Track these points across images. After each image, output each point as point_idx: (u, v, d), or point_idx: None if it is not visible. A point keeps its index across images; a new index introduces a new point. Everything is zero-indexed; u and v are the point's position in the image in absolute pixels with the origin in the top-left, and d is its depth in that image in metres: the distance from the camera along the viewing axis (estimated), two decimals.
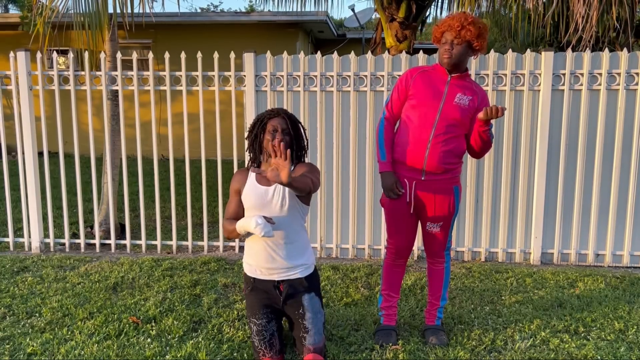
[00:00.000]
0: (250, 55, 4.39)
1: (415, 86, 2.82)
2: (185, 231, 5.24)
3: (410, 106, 2.83)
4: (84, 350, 2.83)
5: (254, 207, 2.64)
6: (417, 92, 2.81)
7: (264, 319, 2.67)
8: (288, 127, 2.66)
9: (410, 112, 2.82)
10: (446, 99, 2.77)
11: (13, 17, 10.45)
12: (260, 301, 2.70)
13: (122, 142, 4.67)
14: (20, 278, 3.92)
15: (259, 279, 2.70)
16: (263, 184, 2.66)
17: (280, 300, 2.68)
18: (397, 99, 2.89)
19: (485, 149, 2.85)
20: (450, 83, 2.80)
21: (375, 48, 7.26)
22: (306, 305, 2.67)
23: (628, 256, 4.36)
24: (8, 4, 22.98)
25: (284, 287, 2.67)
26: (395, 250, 2.97)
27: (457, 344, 2.92)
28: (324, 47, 13.14)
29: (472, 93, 2.81)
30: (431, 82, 2.81)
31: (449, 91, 2.78)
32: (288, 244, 2.65)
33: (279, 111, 2.68)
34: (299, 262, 2.68)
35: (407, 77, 2.87)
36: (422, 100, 2.78)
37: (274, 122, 2.64)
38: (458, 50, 2.73)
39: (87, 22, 4.43)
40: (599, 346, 2.91)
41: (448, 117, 2.76)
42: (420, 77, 2.84)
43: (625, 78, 4.18)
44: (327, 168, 4.48)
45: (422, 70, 2.88)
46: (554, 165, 4.33)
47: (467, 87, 2.82)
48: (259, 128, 2.68)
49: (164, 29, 9.97)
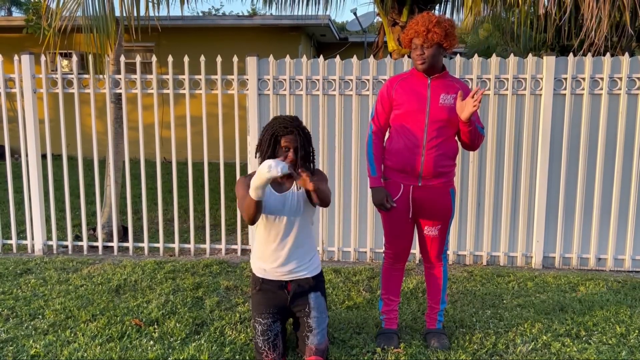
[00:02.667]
0: (253, 59, 4.41)
1: (397, 95, 2.83)
2: (188, 234, 5.25)
3: (397, 115, 2.84)
4: (86, 352, 2.84)
5: (271, 211, 2.65)
6: (401, 101, 2.82)
7: (269, 318, 2.68)
8: (300, 146, 2.60)
9: (398, 121, 2.84)
10: (431, 102, 2.78)
11: (17, 20, 10.50)
12: (267, 301, 2.71)
13: (125, 144, 4.69)
14: (24, 280, 3.94)
15: (267, 279, 2.72)
16: (276, 190, 2.68)
17: (288, 300, 2.70)
18: (382, 111, 2.90)
19: (476, 141, 2.86)
20: (432, 85, 2.81)
21: (378, 52, 7.28)
22: (312, 303, 2.70)
23: (630, 260, 4.36)
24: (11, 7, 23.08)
25: (292, 286, 2.70)
26: (394, 255, 2.99)
27: (459, 348, 2.92)
28: (326, 50, 13.18)
29: (455, 90, 2.83)
30: (413, 88, 2.82)
31: (432, 93, 2.80)
32: (299, 248, 2.69)
33: (292, 126, 2.59)
34: (306, 262, 2.72)
35: (387, 88, 2.88)
36: (408, 108, 2.79)
37: (288, 141, 2.57)
38: (430, 52, 2.74)
39: (95, 26, 4.46)
40: (601, 350, 2.91)
41: (437, 119, 2.77)
42: (400, 86, 2.85)
43: (626, 82, 4.19)
44: (329, 171, 4.50)
45: (401, 78, 2.89)
46: (556, 170, 4.34)
47: (448, 85, 2.83)
48: (273, 143, 2.61)
49: (167, 33, 10.00)
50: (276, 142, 2.61)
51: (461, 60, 4.28)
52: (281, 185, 2.70)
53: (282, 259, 2.68)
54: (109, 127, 4.76)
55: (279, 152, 2.61)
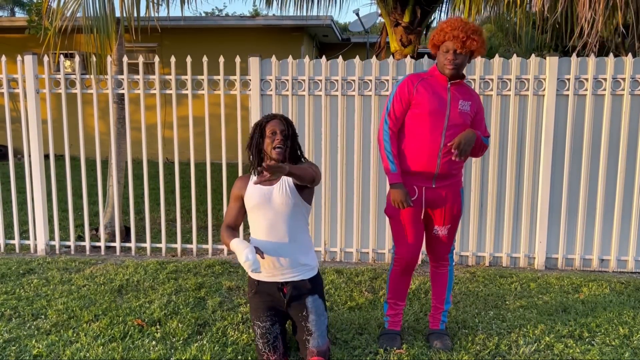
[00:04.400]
0: (256, 60, 4.41)
1: (419, 94, 2.77)
2: (190, 234, 5.25)
3: (414, 115, 2.78)
4: (89, 352, 2.84)
5: (258, 205, 2.67)
6: (422, 101, 2.76)
7: (267, 321, 2.68)
8: (286, 128, 2.70)
9: (415, 121, 2.78)
10: (451, 107, 2.76)
11: (19, 21, 10.53)
12: (264, 304, 2.71)
13: (128, 145, 4.70)
14: (26, 280, 3.94)
15: (263, 282, 2.72)
16: (266, 184, 2.69)
17: (284, 303, 2.69)
18: (400, 106, 2.81)
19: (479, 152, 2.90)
20: (451, 90, 2.80)
21: (380, 52, 7.27)
22: (309, 307, 2.68)
23: (633, 261, 4.34)
24: (14, 8, 23.13)
25: (288, 289, 2.69)
26: (405, 259, 2.90)
27: (461, 349, 2.92)
28: (328, 51, 13.17)
29: (471, 98, 2.83)
30: (434, 90, 2.78)
31: (452, 98, 2.78)
32: (292, 242, 2.67)
33: (275, 114, 2.75)
34: (302, 262, 2.70)
35: (408, 85, 2.81)
36: (430, 109, 2.74)
37: (272, 125, 2.69)
38: (462, 59, 2.72)
39: (96, 26, 4.46)
40: (604, 351, 2.91)
41: (455, 124, 2.76)
42: (422, 85, 2.79)
43: (630, 83, 4.18)
44: (332, 172, 4.49)
45: (421, 78, 2.83)
46: (559, 170, 4.33)
47: (466, 92, 2.83)
48: (259, 133, 2.71)
49: (169, 33, 10.01)
50: (262, 131, 2.69)
51: None
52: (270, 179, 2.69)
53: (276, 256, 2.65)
54: (111, 128, 4.76)
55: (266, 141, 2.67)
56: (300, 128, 4.47)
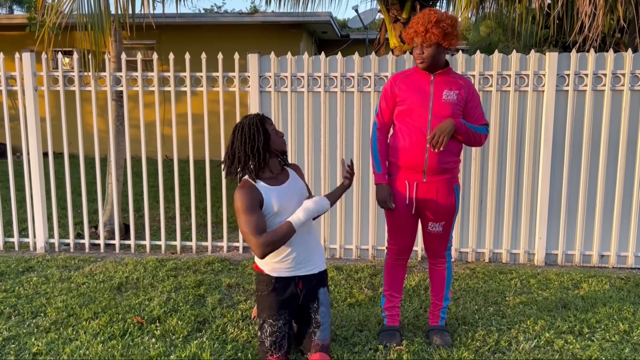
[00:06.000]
0: (255, 56, 4.40)
1: (401, 92, 2.83)
2: (190, 232, 5.25)
3: (400, 112, 2.84)
4: (88, 350, 2.84)
5: (284, 205, 2.63)
6: (405, 97, 2.81)
7: (280, 320, 2.65)
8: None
9: (402, 117, 2.83)
10: (434, 98, 2.77)
11: (18, 18, 10.51)
12: (280, 303, 2.66)
13: (127, 142, 4.69)
14: (26, 278, 3.94)
15: (281, 278, 2.67)
16: (275, 184, 2.66)
17: (300, 297, 2.71)
18: (386, 107, 2.90)
19: (473, 142, 2.85)
20: (435, 81, 2.80)
21: (379, 49, 7.26)
22: (321, 298, 2.73)
23: (633, 257, 4.34)
24: (13, 5, 23.07)
25: (303, 283, 2.70)
26: (397, 250, 3.00)
27: (461, 345, 2.92)
28: (327, 47, 13.14)
29: (458, 86, 2.81)
30: (416, 85, 2.81)
31: (435, 90, 2.79)
32: (311, 235, 2.75)
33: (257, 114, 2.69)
34: (317, 255, 2.75)
35: (391, 84, 2.89)
36: (412, 104, 2.79)
37: (270, 124, 2.69)
38: (429, 52, 2.74)
39: (90, 23, 4.44)
40: (604, 347, 2.90)
41: (440, 115, 2.76)
42: (404, 82, 2.85)
43: (630, 79, 4.17)
44: (331, 169, 4.49)
45: (404, 75, 2.88)
46: (559, 166, 4.32)
47: (451, 81, 2.82)
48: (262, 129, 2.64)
49: (168, 30, 9.99)
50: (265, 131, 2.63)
51: (463, 56, 4.26)
52: (277, 179, 2.68)
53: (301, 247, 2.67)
54: (110, 125, 4.75)
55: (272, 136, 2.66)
56: (299, 124, 4.46)
